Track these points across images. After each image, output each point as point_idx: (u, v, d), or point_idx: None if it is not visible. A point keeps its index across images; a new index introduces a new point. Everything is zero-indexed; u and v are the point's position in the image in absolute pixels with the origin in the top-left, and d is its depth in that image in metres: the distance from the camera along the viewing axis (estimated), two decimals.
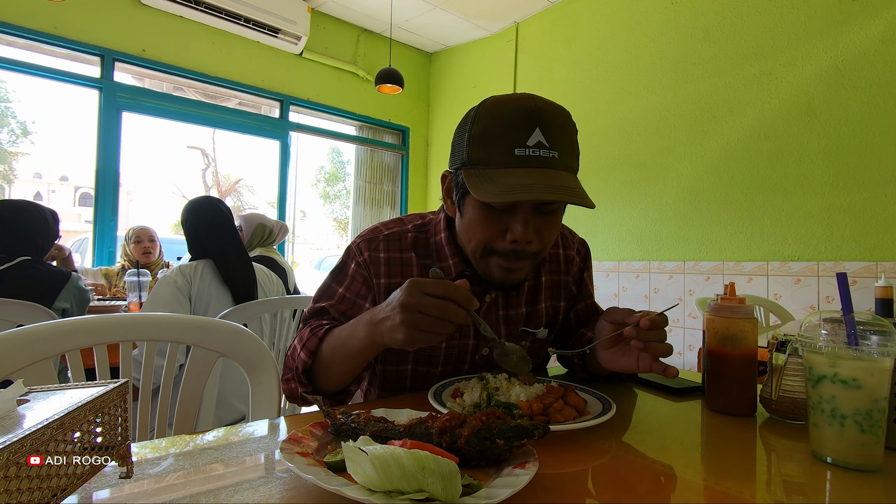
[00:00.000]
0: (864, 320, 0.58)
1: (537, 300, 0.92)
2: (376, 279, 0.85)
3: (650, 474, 0.54)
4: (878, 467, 0.56)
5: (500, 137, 0.70)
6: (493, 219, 0.74)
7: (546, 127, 0.70)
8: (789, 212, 2.46)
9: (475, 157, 0.73)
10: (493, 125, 0.72)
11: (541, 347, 0.93)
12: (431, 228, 0.90)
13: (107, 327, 0.83)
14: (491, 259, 0.77)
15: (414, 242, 0.89)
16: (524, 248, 0.74)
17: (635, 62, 3.14)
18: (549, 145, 0.70)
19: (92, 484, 0.47)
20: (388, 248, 0.87)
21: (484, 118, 0.73)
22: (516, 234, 0.72)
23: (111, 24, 3.17)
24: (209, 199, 1.79)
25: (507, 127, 0.70)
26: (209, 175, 12.17)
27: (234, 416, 1.63)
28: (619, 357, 0.74)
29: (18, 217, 1.70)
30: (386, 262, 0.86)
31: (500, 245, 0.75)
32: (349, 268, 0.88)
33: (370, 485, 0.42)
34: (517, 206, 0.73)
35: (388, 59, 4.07)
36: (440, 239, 0.88)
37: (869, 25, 2.25)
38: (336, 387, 0.80)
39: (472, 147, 0.73)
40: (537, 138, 0.69)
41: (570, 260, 0.98)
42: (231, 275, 1.66)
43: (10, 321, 1.40)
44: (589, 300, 1.01)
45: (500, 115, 0.72)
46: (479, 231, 0.76)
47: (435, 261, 0.87)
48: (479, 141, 0.72)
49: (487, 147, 0.71)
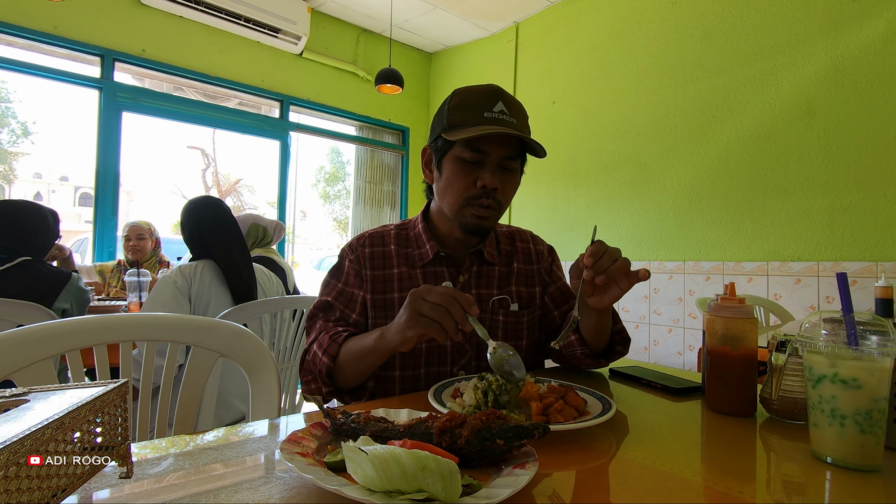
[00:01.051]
0: (864, 320, 0.58)
1: (508, 283, 1.06)
2: (364, 271, 1.00)
3: (650, 474, 0.54)
4: (878, 467, 0.56)
5: (472, 106, 0.91)
6: (466, 170, 0.92)
7: (507, 102, 0.92)
8: (789, 212, 2.46)
9: (453, 120, 0.92)
10: (466, 99, 0.93)
11: (515, 322, 1.04)
12: (411, 224, 1.07)
13: (107, 327, 0.83)
14: (466, 210, 0.94)
15: (395, 237, 1.05)
16: (492, 193, 0.92)
17: (635, 62, 3.13)
18: (509, 114, 0.90)
19: (92, 484, 0.47)
20: (372, 244, 1.03)
21: (459, 95, 0.94)
22: (485, 180, 0.90)
23: (111, 24, 3.17)
24: (209, 198, 1.79)
25: (477, 100, 0.91)
26: (209, 175, 12.17)
27: (234, 416, 1.63)
28: (601, 296, 0.83)
29: (19, 217, 1.70)
30: (371, 256, 1.02)
31: (472, 192, 0.92)
32: (344, 265, 1.03)
33: (370, 485, 0.42)
34: (485, 159, 0.91)
35: (388, 59, 4.07)
36: (418, 231, 1.04)
37: (869, 25, 2.25)
38: (355, 384, 0.92)
39: (450, 114, 0.93)
40: (500, 108, 0.90)
41: (540, 253, 1.14)
42: (231, 275, 1.66)
43: (10, 321, 1.40)
44: (560, 283, 1.13)
45: (471, 93, 0.93)
46: (456, 182, 0.93)
47: (414, 248, 1.02)
48: (456, 109, 0.92)
49: (463, 112, 0.91)
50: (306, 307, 1.71)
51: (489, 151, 0.90)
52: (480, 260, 1.04)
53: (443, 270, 1.01)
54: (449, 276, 1.01)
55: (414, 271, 1.00)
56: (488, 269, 1.05)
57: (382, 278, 0.99)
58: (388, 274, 1.00)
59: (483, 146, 0.90)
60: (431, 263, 1.01)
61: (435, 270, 1.01)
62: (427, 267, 1.00)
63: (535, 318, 1.08)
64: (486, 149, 0.90)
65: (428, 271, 1.00)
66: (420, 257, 1.01)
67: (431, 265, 1.01)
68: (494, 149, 0.90)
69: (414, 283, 0.99)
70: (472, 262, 1.03)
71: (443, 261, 1.01)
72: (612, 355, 0.99)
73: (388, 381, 0.98)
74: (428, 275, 1.00)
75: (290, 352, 1.73)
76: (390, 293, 0.99)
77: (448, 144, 0.93)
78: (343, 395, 0.93)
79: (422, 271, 1.00)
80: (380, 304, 0.98)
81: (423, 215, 1.06)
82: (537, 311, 1.09)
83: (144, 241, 2.84)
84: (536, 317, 1.09)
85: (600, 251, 0.78)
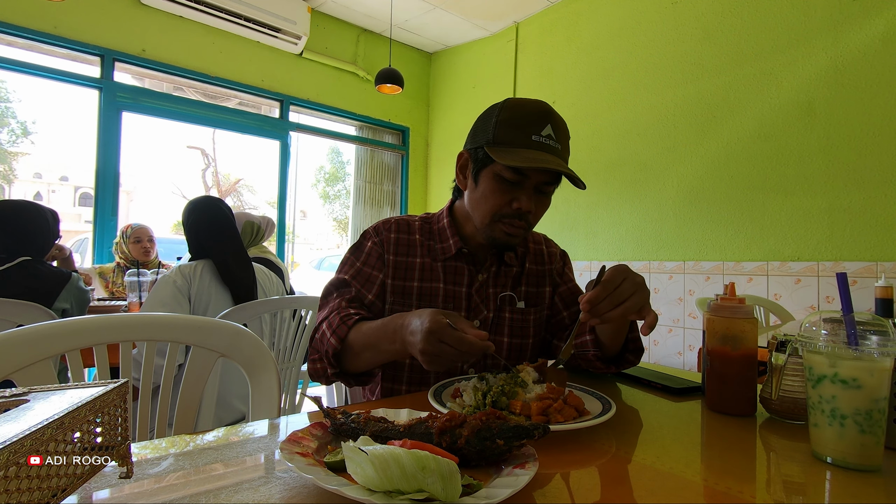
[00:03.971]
0: (864, 320, 0.58)
1: (520, 283, 1.08)
2: (387, 255, 1.01)
3: (650, 474, 0.54)
4: (878, 467, 0.56)
5: (522, 126, 0.90)
6: (504, 189, 0.92)
7: (555, 126, 0.91)
8: (789, 212, 2.46)
9: (500, 137, 0.91)
10: (517, 116, 0.91)
11: (521, 319, 1.06)
12: (435, 218, 1.09)
13: (107, 327, 0.83)
14: (497, 225, 0.95)
15: (420, 228, 1.06)
16: (525, 216, 0.93)
17: (635, 62, 3.13)
18: (556, 139, 0.90)
19: (92, 484, 0.47)
20: (398, 229, 1.04)
21: (509, 110, 0.92)
22: (522, 203, 0.91)
23: (111, 24, 3.17)
24: (209, 198, 1.79)
25: (528, 119, 0.90)
26: (209, 175, 12.17)
27: (234, 416, 1.62)
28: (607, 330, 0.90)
29: (18, 217, 1.70)
30: (395, 241, 1.02)
31: (506, 211, 0.93)
32: (365, 246, 1.03)
33: (370, 485, 0.42)
34: (524, 182, 0.91)
35: (388, 59, 4.07)
36: (442, 225, 1.05)
37: (869, 25, 2.25)
38: (361, 370, 0.91)
39: (498, 129, 0.91)
40: (549, 131, 0.89)
41: (552, 255, 1.15)
42: (231, 275, 1.66)
43: (10, 321, 1.40)
44: (570, 284, 1.14)
45: (522, 110, 0.92)
46: (492, 198, 0.93)
47: (437, 242, 1.03)
48: (505, 125, 0.91)
49: (512, 131, 0.90)
50: (306, 307, 1.71)
51: (530, 176, 0.90)
52: (500, 260, 1.06)
53: (463, 267, 1.02)
54: (468, 274, 1.02)
55: (436, 264, 1.02)
56: (506, 269, 1.07)
57: (405, 265, 1.01)
58: (410, 262, 1.01)
59: (525, 170, 0.90)
60: (453, 259, 1.02)
61: (455, 266, 1.02)
62: (448, 261, 1.02)
63: (542, 317, 1.09)
64: (528, 173, 0.90)
65: (449, 266, 1.02)
66: (443, 251, 1.02)
67: (453, 260, 1.02)
68: (536, 174, 0.90)
69: (434, 275, 1.01)
70: (492, 262, 1.05)
71: (464, 257, 1.03)
72: (623, 363, 0.98)
73: (397, 367, 1.00)
74: (448, 269, 1.02)
75: (290, 352, 1.73)
76: (410, 281, 1.00)
77: (490, 158, 0.92)
78: (348, 379, 0.92)
79: (443, 265, 1.02)
80: (398, 290, 0.99)
81: (448, 211, 1.07)
82: (545, 310, 1.10)
83: (153, 244, 2.89)
84: (544, 316, 1.10)
85: (600, 297, 0.74)
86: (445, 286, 1.01)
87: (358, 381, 0.93)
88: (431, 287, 1.00)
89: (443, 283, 1.01)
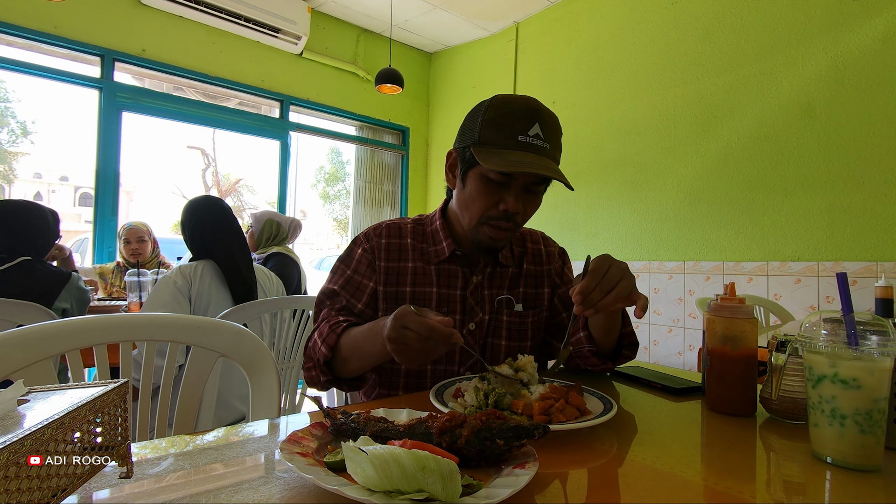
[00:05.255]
0: (864, 320, 0.58)
1: (518, 284, 1.06)
2: (378, 262, 0.99)
3: (650, 474, 0.54)
4: (878, 467, 0.56)
5: (508, 125, 0.86)
6: (490, 190, 0.90)
7: (543, 124, 0.87)
8: (789, 212, 2.46)
9: (486, 137, 0.88)
10: (503, 115, 0.88)
11: (519, 322, 1.04)
12: (428, 220, 1.06)
13: (107, 327, 0.83)
14: (483, 227, 0.93)
15: (412, 231, 1.04)
16: (512, 216, 0.91)
17: (635, 62, 3.13)
18: (544, 138, 0.87)
19: (92, 484, 0.47)
20: (389, 234, 1.02)
21: (495, 108, 0.89)
22: (508, 205, 0.88)
23: (111, 24, 3.17)
24: (210, 198, 1.78)
25: (514, 118, 0.87)
26: (209, 175, 12.17)
27: (234, 416, 1.62)
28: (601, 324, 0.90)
29: (18, 217, 1.70)
30: (386, 247, 1.00)
31: (493, 212, 0.91)
32: (356, 253, 1.02)
33: (370, 485, 0.42)
34: (511, 182, 0.88)
35: (388, 59, 4.07)
36: (435, 227, 1.03)
37: (869, 25, 2.25)
38: (352, 374, 0.91)
39: (483, 129, 0.88)
40: (536, 131, 0.86)
41: (551, 255, 1.13)
42: (231, 275, 1.66)
43: (10, 321, 1.40)
44: (570, 284, 1.11)
45: (509, 108, 0.88)
46: (479, 200, 0.91)
47: (430, 244, 1.01)
48: (491, 125, 0.88)
49: (497, 131, 0.87)
50: (307, 307, 1.71)
51: (517, 176, 0.88)
52: (495, 261, 1.04)
53: (457, 269, 1.01)
54: (462, 276, 1.01)
55: (428, 267, 1.00)
56: (501, 270, 1.04)
57: (396, 270, 0.99)
58: (402, 267, 0.99)
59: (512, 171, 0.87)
60: (446, 261, 1.00)
61: (449, 268, 1.00)
62: (442, 264, 1.00)
63: (540, 318, 1.08)
64: (514, 174, 0.87)
65: (442, 269, 1.00)
66: (436, 254, 1.00)
67: (446, 263, 1.00)
68: (522, 175, 0.87)
69: (427, 279, 0.99)
70: (487, 263, 1.03)
71: (458, 259, 1.01)
72: (620, 359, 0.98)
73: (394, 373, 0.99)
74: (442, 272, 1.00)
75: (290, 352, 1.73)
76: (403, 286, 0.98)
77: (476, 159, 0.89)
78: (341, 384, 0.93)
79: (436, 268, 1.00)
80: (391, 297, 0.98)
81: (440, 212, 1.05)
82: (544, 312, 1.08)
83: (144, 244, 2.79)
84: (542, 318, 1.08)
85: (590, 287, 0.75)
86: (439, 290, 0.99)
87: (351, 385, 0.93)
88: (424, 291, 0.99)
89: (436, 286, 0.99)
